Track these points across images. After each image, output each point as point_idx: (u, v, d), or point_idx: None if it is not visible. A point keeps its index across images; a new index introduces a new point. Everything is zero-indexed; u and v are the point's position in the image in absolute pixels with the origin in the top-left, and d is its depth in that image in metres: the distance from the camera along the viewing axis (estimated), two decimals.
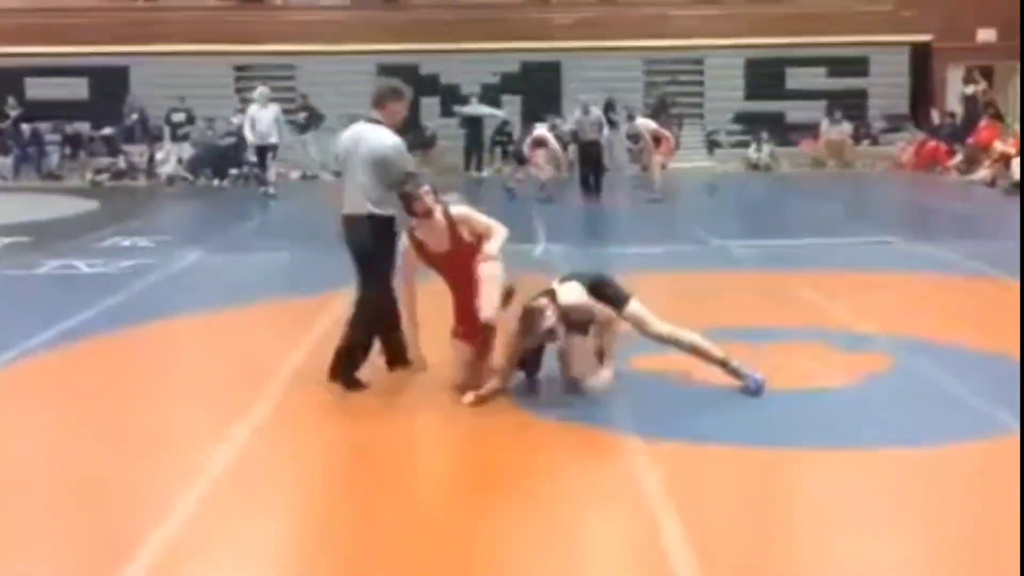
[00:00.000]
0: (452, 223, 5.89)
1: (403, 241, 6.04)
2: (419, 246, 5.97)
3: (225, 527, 4.47)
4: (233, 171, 20.76)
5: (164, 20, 23.13)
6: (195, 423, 5.84)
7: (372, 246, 6.13)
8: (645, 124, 17.45)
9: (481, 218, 6.00)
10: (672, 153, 18.15)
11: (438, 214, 5.89)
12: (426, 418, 5.75)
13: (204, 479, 4.86)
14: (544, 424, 5.64)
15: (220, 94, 22.52)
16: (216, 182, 20.93)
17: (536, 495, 4.73)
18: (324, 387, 6.19)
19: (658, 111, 22.23)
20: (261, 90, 18.08)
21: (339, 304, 8.42)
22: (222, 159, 21.12)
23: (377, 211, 6.07)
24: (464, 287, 5.89)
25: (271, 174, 18.11)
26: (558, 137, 18.10)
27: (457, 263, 5.90)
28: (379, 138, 6.13)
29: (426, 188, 5.90)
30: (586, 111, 17.90)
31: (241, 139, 19.20)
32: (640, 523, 4.39)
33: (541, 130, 17.61)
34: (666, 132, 17.79)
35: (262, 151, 17.90)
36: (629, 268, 9.41)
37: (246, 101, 19.30)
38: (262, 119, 17.53)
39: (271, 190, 17.76)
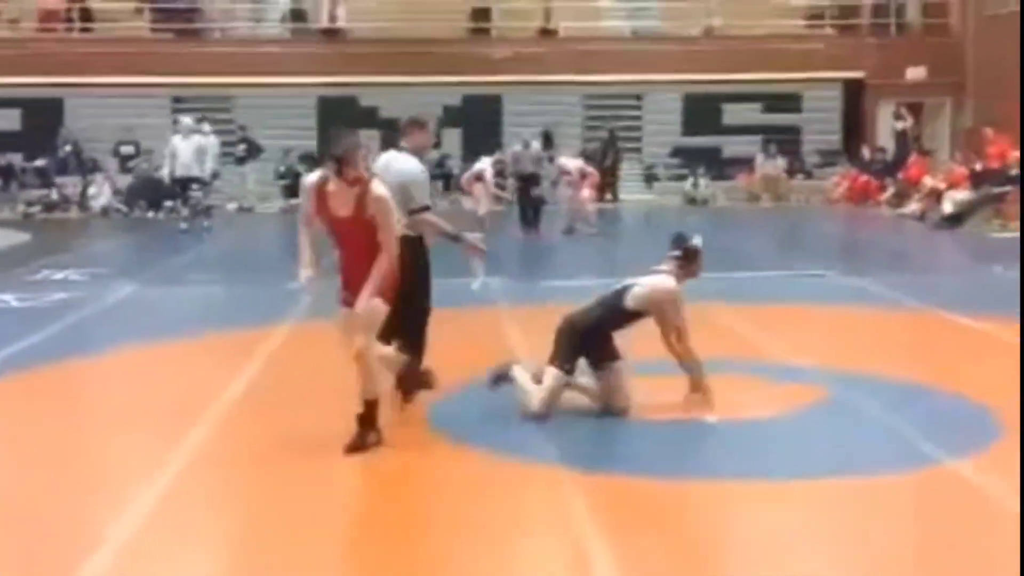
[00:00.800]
0: (363, 195, 5.64)
1: (309, 182, 5.83)
2: (322, 199, 5.73)
3: (157, 558, 4.41)
4: (168, 203, 20.54)
5: (99, 52, 22.84)
6: (127, 456, 5.77)
7: (403, 266, 6.38)
8: (574, 163, 17.67)
9: (390, 223, 5.70)
10: (596, 189, 18.43)
11: (360, 184, 5.67)
12: (360, 453, 5.69)
13: (135, 512, 4.80)
14: (476, 456, 5.63)
15: (157, 125, 22.26)
16: (151, 214, 20.71)
17: (467, 529, 4.71)
18: (259, 420, 6.14)
19: (608, 146, 22.53)
20: (185, 121, 17.67)
21: (276, 338, 8.38)
22: (157, 191, 20.90)
23: (406, 232, 6.39)
24: (354, 256, 5.71)
25: (197, 210, 17.50)
26: (500, 172, 18.15)
27: (351, 231, 5.69)
28: (405, 165, 6.58)
29: (363, 153, 5.75)
30: (526, 145, 18.03)
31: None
32: (572, 557, 4.39)
33: (483, 164, 17.69)
34: (590, 168, 17.99)
35: (184, 184, 17.34)
36: (567, 301, 9.43)
37: None
38: (184, 151, 17.04)
39: (206, 223, 17.38)
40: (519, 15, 24.59)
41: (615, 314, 6.25)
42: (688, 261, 6.36)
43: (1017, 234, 15.97)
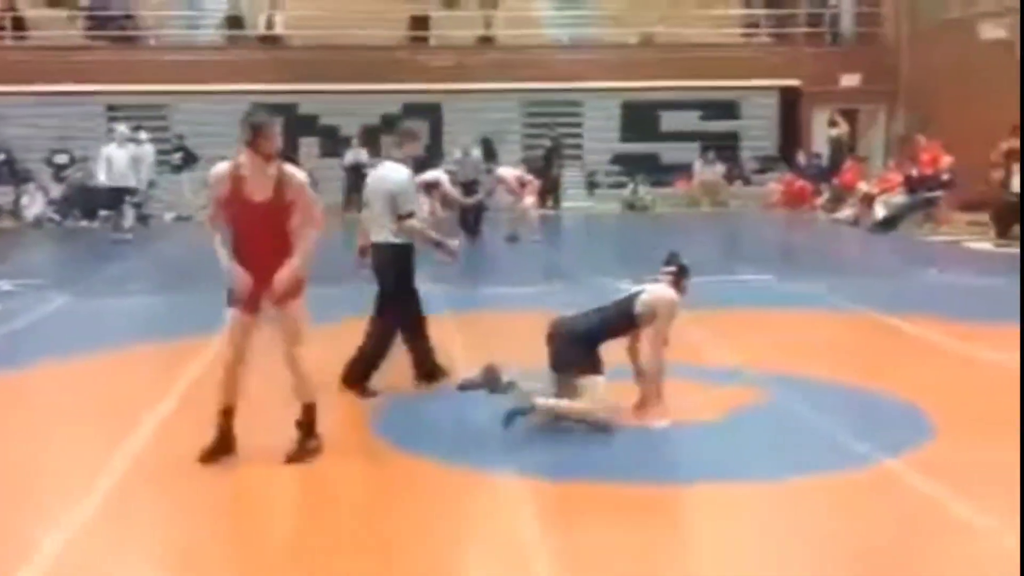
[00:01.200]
0: (281, 177, 5.46)
1: (218, 171, 5.53)
2: (236, 186, 5.42)
3: (91, 571, 4.35)
4: (103, 213, 20.21)
5: (32, 59, 22.49)
6: (61, 468, 5.66)
7: (393, 270, 6.93)
8: (511, 172, 17.67)
9: (311, 202, 5.56)
10: (538, 196, 18.46)
11: (275, 162, 5.49)
12: (295, 463, 5.62)
13: (69, 524, 4.71)
14: (419, 463, 5.61)
15: (92, 134, 21.92)
16: (85, 224, 20.36)
17: (412, 536, 4.68)
18: (196, 431, 6.04)
19: (552, 154, 22.58)
20: (120, 129, 17.35)
21: (212, 347, 8.27)
22: (91, 200, 20.55)
23: (396, 240, 6.88)
24: (265, 249, 5.43)
25: (128, 220, 17.20)
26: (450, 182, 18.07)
27: (266, 218, 5.43)
28: (395, 174, 6.93)
29: (278, 130, 5.56)
30: (466, 152, 18.01)
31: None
32: (516, 563, 4.38)
33: (435, 173, 17.55)
34: (529, 176, 17.99)
35: (118, 194, 16.96)
36: (510, 307, 9.46)
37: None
38: (119, 160, 16.66)
39: (127, 236, 16.89)
40: (458, 23, 24.61)
41: (622, 320, 6.25)
42: (680, 277, 6.46)
43: (949, 237, 16.31)
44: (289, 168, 5.54)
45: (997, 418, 6.29)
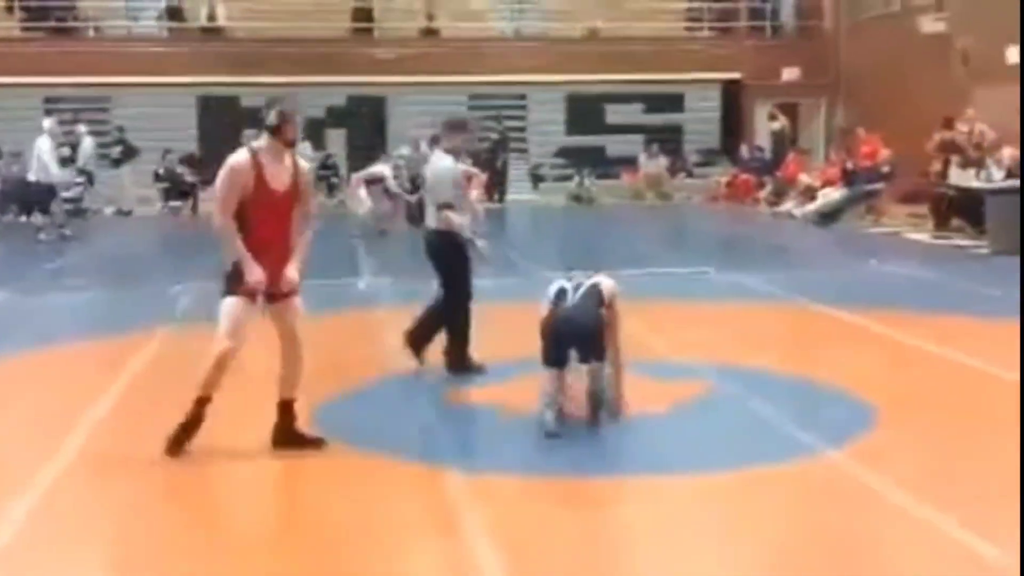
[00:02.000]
0: (295, 166, 5.54)
1: (238, 161, 5.43)
2: (260, 175, 5.37)
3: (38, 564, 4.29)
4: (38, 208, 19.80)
5: None
6: (5, 465, 5.57)
7: (441, 256, 7.16)
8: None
9: (311, 196, 5.71)
10: (483, 189, 18.43)
11: (290, 151, 5.54)
12: (243, 458, 5.58)
13: (4, 526, 4.64)
14: (363, 459, 5.58)
15: (29, 127, 21.47)
16: (24, 219, 19.98)
17: (355, 533, 4.67)
18: (139, 428, 5.98)
19: (498, 147, 22.52)
20: (46, 123, 16.71)
21: (155, 342, 8.18)
22: (29, 195, 20.13)
23: (442, 227, 7.08)
24: (281, 238, 5.44)
25: (59, 216, 16.55)
26: (397, 176, 18.02)
27: (287, 207, 5.46)
28: (438, 163, 7.22)
29: (298, 119, 5.60)
30: (416, 147, 17.94)
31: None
32: (459, 559, 4.38)
33: (380, 167, 17.43)
34: (474, 170, 17.89)
35: (51, 189, 16.28)
36: None
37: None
38: (50, 154, 16.01)
39: (65, 232, 16.36)
40: (401, 15, 24.49)
41: (600, 310, 6.23)
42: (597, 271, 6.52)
43: (889, 228, 16.55)
44: (297, 157, 5.60)
45: (937, 407, 6.41)
